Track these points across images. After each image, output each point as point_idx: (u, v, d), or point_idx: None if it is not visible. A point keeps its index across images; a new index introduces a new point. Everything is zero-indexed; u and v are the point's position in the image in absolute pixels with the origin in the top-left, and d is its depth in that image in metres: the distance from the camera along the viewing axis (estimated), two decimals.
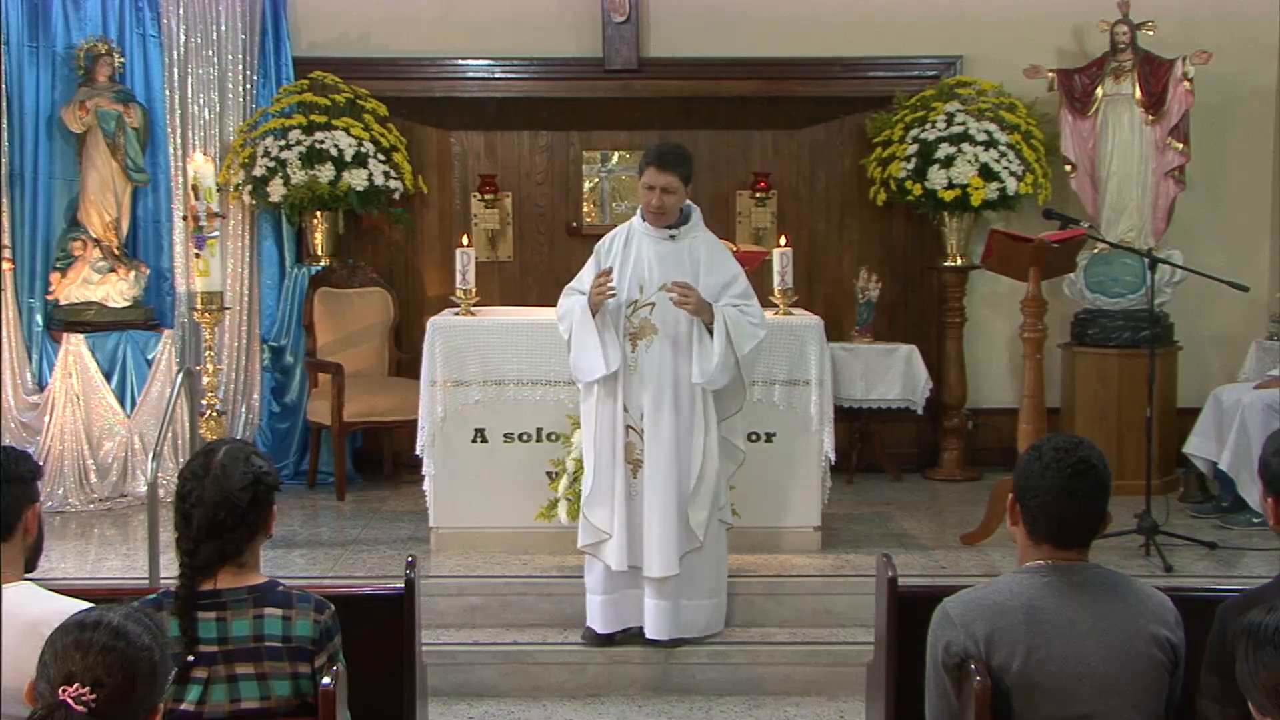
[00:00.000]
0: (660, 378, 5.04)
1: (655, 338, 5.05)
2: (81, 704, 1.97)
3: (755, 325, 5.07)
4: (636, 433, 5.08)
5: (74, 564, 5.97)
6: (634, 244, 5.12)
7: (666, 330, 5.04)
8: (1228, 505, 6.57)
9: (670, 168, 5.01)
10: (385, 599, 3.61)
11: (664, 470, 5.04)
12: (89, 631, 2.02)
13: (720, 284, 5.07)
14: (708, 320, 4.98)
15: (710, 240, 5.20)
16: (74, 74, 7.35)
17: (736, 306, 5.05)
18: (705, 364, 4.99)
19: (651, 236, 5.10)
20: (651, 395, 5.05)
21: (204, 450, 3.02)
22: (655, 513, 5.04)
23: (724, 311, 5.00)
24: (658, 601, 5.10)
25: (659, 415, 5.04)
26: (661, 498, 5.04)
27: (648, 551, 5.06)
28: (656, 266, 5.05)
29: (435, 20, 7.74)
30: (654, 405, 5.04)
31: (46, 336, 7.32)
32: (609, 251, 5.13)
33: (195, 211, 5.95)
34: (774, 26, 7.71)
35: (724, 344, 4.97)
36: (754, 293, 5.20)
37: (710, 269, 5.09)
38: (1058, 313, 7.38)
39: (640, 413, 5.06)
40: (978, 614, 2.78)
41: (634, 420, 5.08)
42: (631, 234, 5.15)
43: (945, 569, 5.78)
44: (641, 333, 5.06)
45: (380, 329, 7.72)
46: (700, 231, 5.17)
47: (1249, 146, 7.81)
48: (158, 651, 2.06)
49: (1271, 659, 2.16)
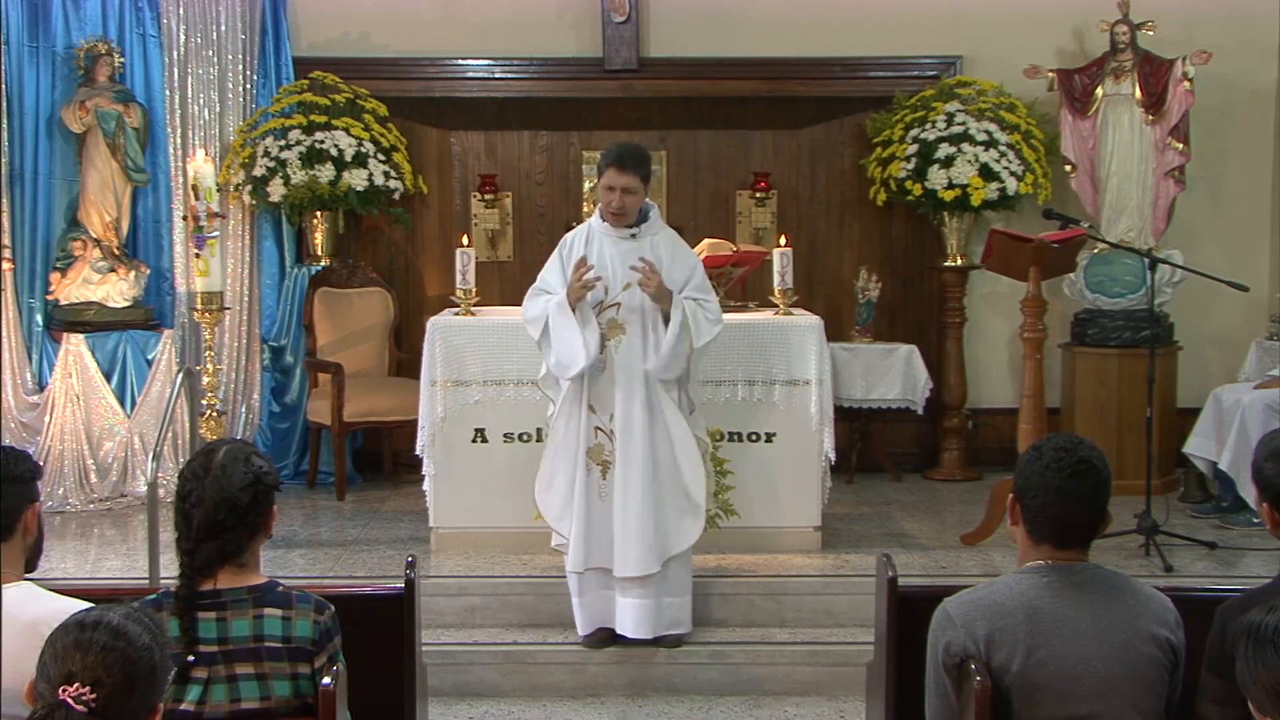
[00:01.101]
0: (631, 376, 5.05)
1: (623, 337, 5.06)
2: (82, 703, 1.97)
3: (712, 321, 5.10)
4: (605, 433, 5.08)
5: (74, 564, 5.97)
6: (595, 245, 5.12)
7: (634, 328, 5.05)
8: (1228, 505, 6.56)
9: (630, 168, 5.03)
10: (385, 599, 3.61)
11: (639, 469, 5.03)
12: (89, 631, 2.02)
13: (682, 279, 5.10)
14: (666, 307, 5.00)
15: (670, 236, 5.24)
16: (74, 74, 7.35)
17: (695, 300, 5.08)
18: (659, 353, 5.01)
19: (612, 236, 5.11)
20: (622, 394, 5.05)
21: (204, 450, 3.02)
22: (630, 512, 5.04)
23: (683, 303, 5.02)
24: (636, 600, 5.09)
25: (631, 413, 5.04)
26: (637, 496, 5.04)
27: (621, 551, 5.05)
28: (619, 266, 5.06)
29: (435, 20, 7.74)
30: (625, 403, 5.04)
31: (46, 336, 7.33)
32: (570, 252, 5.14)
33: (195, 211, 5.95)
34: (774, 26, 7.71)
35: (677, 334, 4.98)
36: (712, 289, 5.24)
37: (672, 265, 5.10)
38: (1058, 313, 7.38)
39: (610, 413, 5.06)
40: (978, 614, 2.78)
41: (602, 421, 5.08)
42: (592, 234, 5.16)
43: (945, 569, 5.78)
44: (610, 333, 5.06)
45: (380, 329, 7.72)
46: (660, 228, 5.20)
47: (1249, 146, 7.81)
48: (158, 651, 2.06)
49: (1271, 659, 2.16)
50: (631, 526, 5.04)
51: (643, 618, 5.10)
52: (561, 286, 5.08)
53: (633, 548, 5.04)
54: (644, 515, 5.04)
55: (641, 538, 5.04)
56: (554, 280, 5.13)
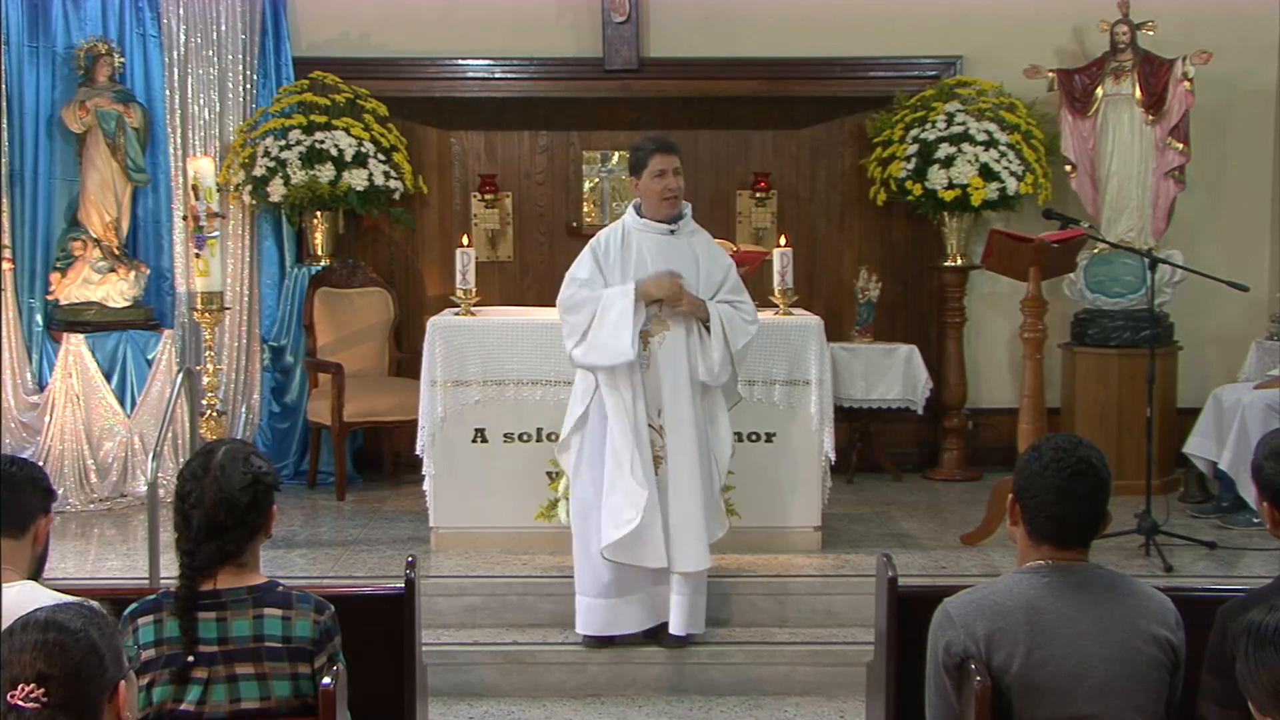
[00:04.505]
0: (676, 372, 5.05)
1: (667, 334, 5.05)
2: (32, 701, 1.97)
3: (748, 322, 5.14)
4: (655, 429, 5.06)
5: (74, 564, 5.96)
6: (632, 242, 5.11)
7: (677, 325, 5.05)
8: (1228, 505, 6.57)
9: (674, 150, 5.10)
10: (385, 599, 3.61)
11: (689, 464, 5.04)
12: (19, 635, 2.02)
13: (718, 280, 5.13)
14: (703, 318, 5.03)
15: (706, 236, 5.28)
16: (74, 74, 7.35)
17: (730, 303, 5.11)
18: (709, 361, 5.04)
19: (650, 233, 5.11)
20: (669, 390, 5.04)
21: (203, 450, 3.02)
22: (685, 507, 5.03)
23: (719, 309, 5.04)
24: (687, 597, 5.07)
25: (679, 409, 5.04)
26: (688, 491, 5.04)
27: (679, 547, 5.02)
28: (660, 262, 5.04)
29: (435, 20, 7.74)
30: (673, 399, 5.04)
31: (46, 336, 7.33)
32: (606, 252, 5.10)
33: (195, 211, 5.94)
34: (774, 26, 7.71)
35: (722, 341, 5.02)
36: (745, 288, 5.27)
37: (710, 265, 5.13)
38: (1058, 313, 7.38)
39: (658, 409, 5.05)
40: (978, 614, 2.77)
41: (652, 417, 5.06)
42: (628, 232, 5.13)
43: (945, 569, 5.78)
44: (654, 329, 5.06)
45: (380, 329, 7.72)
46: (696, 228, 5.23)
47: (1249, 146, 7.81)
48: (94, 630, 2.05)
49: (1271, 659, 2.15)
50: (690, 522, 5.03)
51: (689, 614, 5.10)
52: (597, 287, 5.02)
53: (691, 544, 5.03)
54: (698, 511, 5.04)
55: (699, 533, 5.04)
56: (587, 275, 5.06)
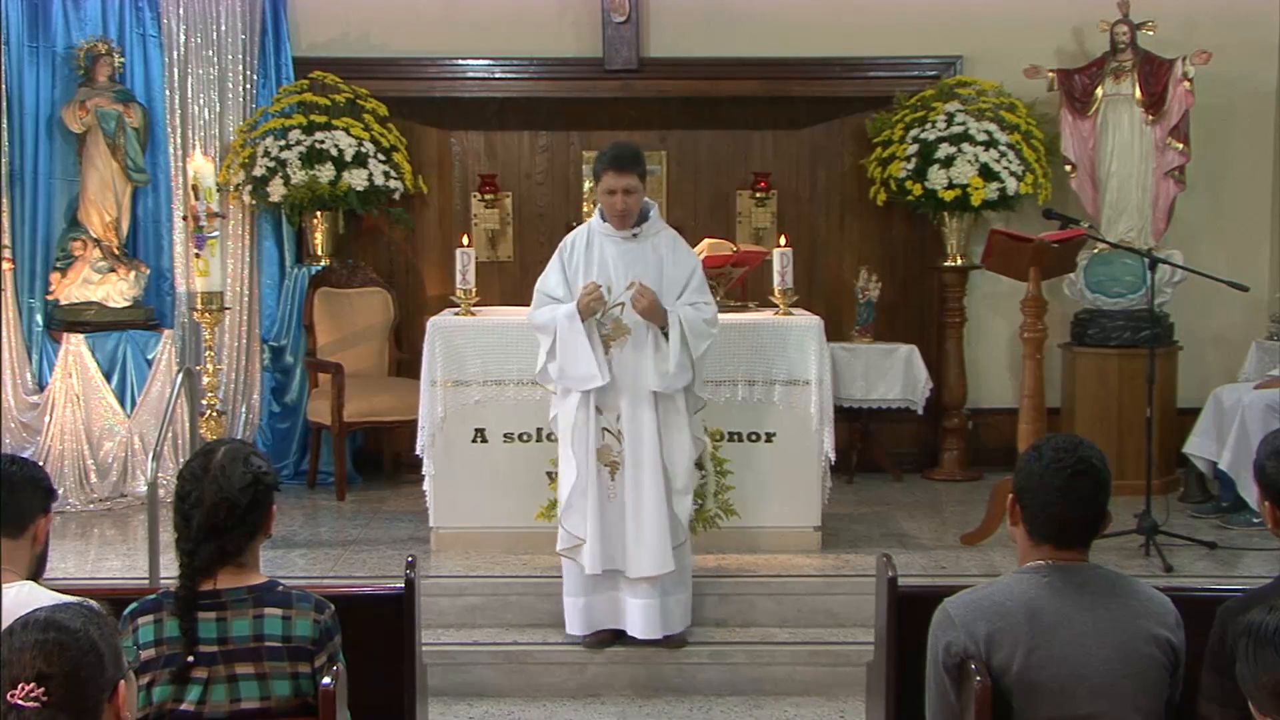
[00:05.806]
0: (637, 377, 5.04)
1: (628, 338, 5.05)
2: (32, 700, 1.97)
3: (708, 324, 5.09)
4: (613, 434, 5.07)
5: (74, 564, 5.97)
6: (595, 246, 5.11)
7: (639, 330, 5.04)
8: (1228, 505, 6.57)
9: (627, 168, 5.02)
10: (385, 599, 3.61)
11: (648, 469, 5.04)
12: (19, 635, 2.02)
13: (682, 279, 5.09)
14: (660, 324, 5.00)
15: (670, 235, 5.23)
16: (74, 74, 7.35)
17: (694, 305, 5.07)
18: (662, 367, 5.00)
19: (613, 237, 5.10)
20: (629, 395, 5.04)
21: (203, 450, 3.03)
22: (643, 512, 5.04)
23: (679, 312, 5.01)
24: (645, 601, 5.09)
25: (638, 414, 5.04)
26: (648, 496, 5.04)
27: (634, 552, 5.05)
28: (621, 266, 5.05)
29: (435, 20, 7.74)
30: (632, 405, 5.04)
31: (46, 336, 7.33)
32: (571, 254, 5.12)
33: (195, 211, 5.94)
34: (774, 26, 7.71)
35: (679, 347, 4.97)
36: (710, 291, 5.24)
37: (674, 264, 5.10)
38: (1058, 313, 7.37)
39: (616, 414, 5.06)
40: (978, 614, 2.77)
41: (609, 422, 5.07)
42: (592, 235, 5.14)
43: (945, 569, 5.78)
44: (615, 334, 5.05)
45: (380, 329, 7.72)
46: (660, 228, 5.19)
47: (1249, 146, 7.81)
48: (94, 630, 2.05)
49: (1272, 659, 2.15)
50: (645, 527, 5.04)
51: (653, 618, 5.10)
52: (563, 289, 5.08)
53: (647, 548, 5.04)
54: (656, 516, 5.04)
55: (656, 538, 5.04)
56: (555, 282, 5.12)
